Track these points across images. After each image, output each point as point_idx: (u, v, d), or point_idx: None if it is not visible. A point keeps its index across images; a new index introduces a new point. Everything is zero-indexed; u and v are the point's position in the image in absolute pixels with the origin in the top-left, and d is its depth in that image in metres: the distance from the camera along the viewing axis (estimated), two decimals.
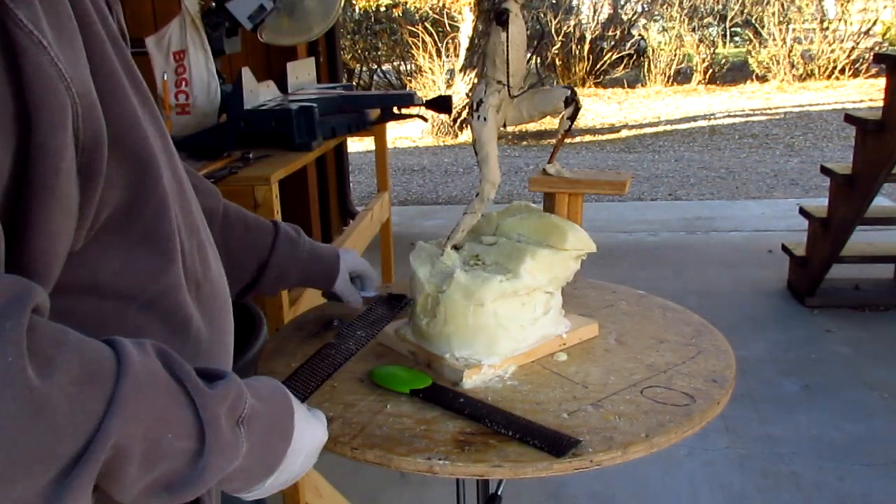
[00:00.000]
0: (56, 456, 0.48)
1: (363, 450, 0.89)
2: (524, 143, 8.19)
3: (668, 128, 8.54)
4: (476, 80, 8.11)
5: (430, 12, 10.40)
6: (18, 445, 0.46)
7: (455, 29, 9.80)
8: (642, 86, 11.38)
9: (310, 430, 0.75)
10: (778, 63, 11.05)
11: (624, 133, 8.42)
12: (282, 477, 0.71)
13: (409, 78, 10.55)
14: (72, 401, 0.48)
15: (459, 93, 8.19)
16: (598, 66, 11.37)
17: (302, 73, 2.37)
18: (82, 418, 0.49)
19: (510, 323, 1.07)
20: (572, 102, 1.12)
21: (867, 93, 9.77)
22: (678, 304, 1.30)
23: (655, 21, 12.21)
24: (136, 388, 0.52)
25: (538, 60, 10.90)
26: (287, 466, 0.71)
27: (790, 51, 11.01)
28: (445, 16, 10.29)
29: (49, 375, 0.47)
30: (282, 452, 0.70)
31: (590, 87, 11.31)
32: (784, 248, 3.73)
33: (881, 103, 3.20)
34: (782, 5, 10.99)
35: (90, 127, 0.55)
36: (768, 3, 11.20)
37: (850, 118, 3.39)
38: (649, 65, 11.40)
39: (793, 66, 10.99)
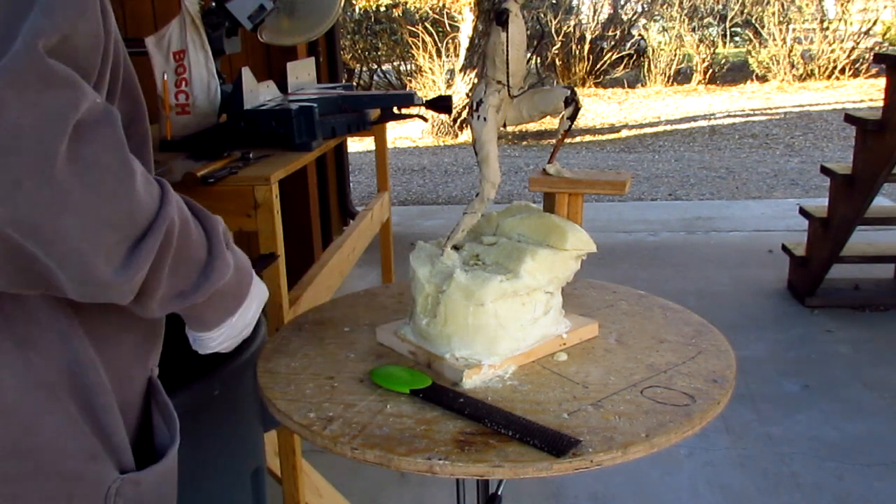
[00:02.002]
0: (137, 223, 0.63)
1: (363, 450, 0.89)
2: (524, 143, 8.19)
3: (668, 128, 8.54)
4: (476, 80, 8.11)
5: (430, 12, 10.39)
6: (120, 208, 0.62)
7: (455, 29, 9.80)
8: (642, 86, 11.38)
9: (259, 282, 0.88)
10: (778, 63, 11.05)
11: (624, 133, 8.42)
12: (240, 321, 0.84)
13: (409, 78, 10.55)
14: (144, 189, 0.64)
15: (459, 93, 8.19)
16: (598, 66, 11.37)
17: (302, 73, 2.37)
18: (150, 201, 0.64)
19: (510, 323, 1.07)
20: (572, 102, 1.11)
21: (867, 93, 9.77)
22: (678, 304, 1.30)
23: (655, 21, 12.21)
24: (172, 194, 0.68)
25: (538, 60, 10.92)
26: (246, 308, 0.83)
27: (790, 51, 11.01)
28: (445, 16, 10.28)
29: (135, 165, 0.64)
30: (248, 286, 0.83)
31: (590, 87, 11.31)
32: (784, 248, 3.73)
33: (881, 103, 3.20)
34: (782, 5, 10.99)
35: (119, 51, 0.70)
36: (768, 3, 11.20)
37: (850, 118, 3.39)
38: (649, 65, 11.40)
39: (793, 66, 10.99)
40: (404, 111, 2.18)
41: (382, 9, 10.73)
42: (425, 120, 2.44)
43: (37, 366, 0.69)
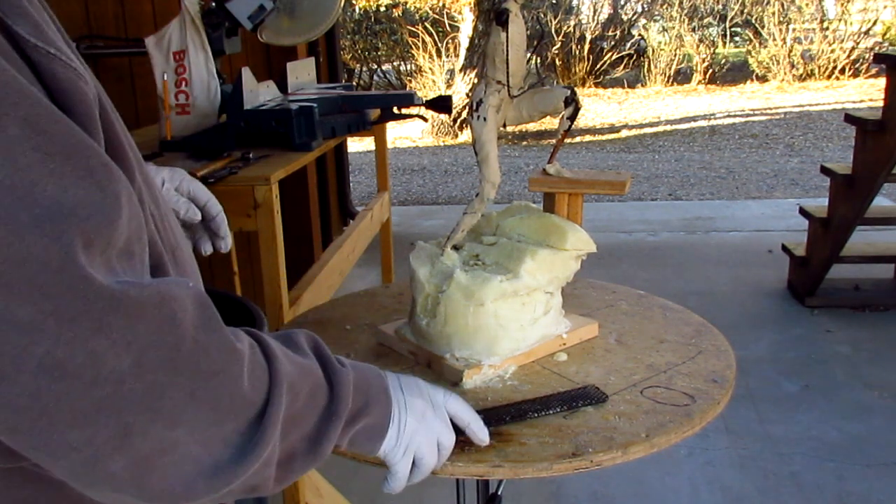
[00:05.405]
0: (250, 401, 0.59)
1: None
2: (524, 143, 8.19)
3: (668, 128, 8.54)
4: (476, 80, 8.11)
5: (430, 12, 10.39)
6: (225, 394, 0.57)
7: (455, 29, 9.80)
8: (642, 86, 11.38)
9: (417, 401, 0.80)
10: (778, 63, 11.05)
11: (624, 133, 8.42)
12: (409, 448, 0.83)
13: (409, 78, 10.55)
14: (251, 360, 0.60)
15: (459, 93, 8.19)
16: (598, 66, 11.37)
17: (302, 73, 2.37)
18: (261, 372, 0.60)
19: (510, 323, 1.07)
20: (572, 102, 1.12)
21: (867, 93, 9.77)
22: (678, 304, 1.30)
23: (655, 21, 12.21)
24: (275, 349, 0.64)
25: (538, 60, 10.91)
26: (409, 431, 0.80)
27: (790, 51, 11.01)
28: (445, 16, 10.28)
29: (240, 342, 0.60)
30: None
31: (590, 87, 11.31)
32: (784, 248, 3.73)
33: (881, 103, 3.20)
34: (782, 5, 10.99)
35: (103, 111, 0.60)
36: (768, 3, 11.20)
37: (850, 118, 3.39)
38: (649, 65, 11.40)
39: (793, 66, 10.99)
40: (404, 111, 2.18)
41: (382, 9, 10.73)
42: (425, 120, 2.45)
43: None
